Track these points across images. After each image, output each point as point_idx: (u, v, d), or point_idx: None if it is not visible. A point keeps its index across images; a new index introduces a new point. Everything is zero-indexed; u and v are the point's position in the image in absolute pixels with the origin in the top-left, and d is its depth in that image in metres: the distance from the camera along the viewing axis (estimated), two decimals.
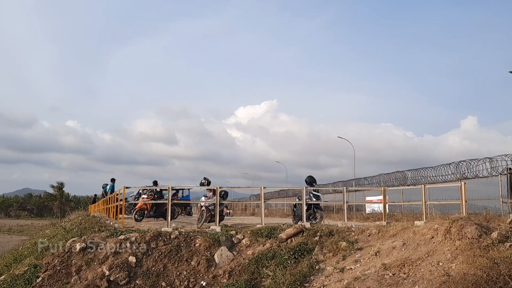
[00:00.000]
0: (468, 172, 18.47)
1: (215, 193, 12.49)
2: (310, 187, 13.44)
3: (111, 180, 22.11)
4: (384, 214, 12.85)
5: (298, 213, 13.33)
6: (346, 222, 12.46)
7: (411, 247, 8.32)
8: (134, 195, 18.98)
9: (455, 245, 7.38)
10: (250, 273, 9.53)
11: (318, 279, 8.52)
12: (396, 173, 24.99)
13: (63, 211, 63.15)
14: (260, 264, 9.71)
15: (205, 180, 13.77)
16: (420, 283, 6.60)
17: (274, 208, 38.20)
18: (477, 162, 18.03)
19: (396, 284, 6.89)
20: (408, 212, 18.26)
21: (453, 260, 6.95)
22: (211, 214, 12.96)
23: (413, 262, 7.46)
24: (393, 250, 8.55)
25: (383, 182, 25.43)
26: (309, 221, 12.31)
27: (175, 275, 9.83)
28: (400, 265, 7.50)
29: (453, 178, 19.15)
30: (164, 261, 10.10)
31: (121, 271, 9.65)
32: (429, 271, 6.85)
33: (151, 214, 16.27)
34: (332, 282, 8.06)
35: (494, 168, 16.98)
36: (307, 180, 13.83)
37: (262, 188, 13.18)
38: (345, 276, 8.02)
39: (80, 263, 9.91)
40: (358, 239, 10.09)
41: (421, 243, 8.30)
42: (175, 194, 17.27)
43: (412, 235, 8.97)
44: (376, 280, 7.20)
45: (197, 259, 10.18)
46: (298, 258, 9.55)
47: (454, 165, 19.49)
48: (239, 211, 40.97)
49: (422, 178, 21.79)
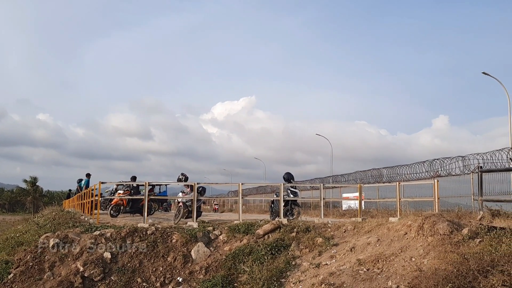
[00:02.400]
0: (441, 170, 18.90)
1: (193, 189, 12.45)
2: (287, 184, 13.51)
3: (86, 175, 21.76)
4: (360, 210, 13.04)
5: (275, 209, 13.39)
6: (323, 218, 12.59)
7: (385, 243, 8.48)
8: (110, 190, 18.73)
9: (428, 241, 7.56)
10: (227, 269, 9.55)
11: (294, 274, 8.60)
12: (372, 170, 25.37)
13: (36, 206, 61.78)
14: (237, 260, 9.74)
15: (183, 176, 13.69)
16: (393, 278, 6.74)
17: (252, 204, 38.32)
18: (450, 161, 18.46)
19: (370, 279, 7.01)
20: (383, 209, 18.59)
21: (425, 255, 7.12)
22: (189, 210, 12.90)
23: (387, 258, 7.60)
24: (368, 246, 8.70)
25: (359, 179, 25.78)
26: (286, 217, 12.39)
27: (151, 271, 9.76)
28: (374, 260, 7.63)
29: (427, 176, 19.57)
30: (140, 257, 10.02)
31: (96, 267, 9.52)
32: (402, 266, 7.00)
33: (127, 209, 16.09)
34: (308, 278, 8.15)
35: (466, 166, 17.42)
36: (285, 176, 13.91)
37: (240, 185, 13.19)
38: (321, 272, 8.12)
39: (54, 259, 9.73)
40: (334, 235, 10.22)
41: (395, 239, 8.46)
42: (151, 189, 17.12)
43: (386, 231, 9.14)
44: (350, 276, 7.32)
45: (173, 255, 10.13)
46: (275, 254, 9.61)
47: (428, 163, 19.92)
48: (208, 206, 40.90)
49: (397, 176, 22.19)
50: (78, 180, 22.71)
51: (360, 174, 26.49)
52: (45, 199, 68.97)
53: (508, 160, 15.52)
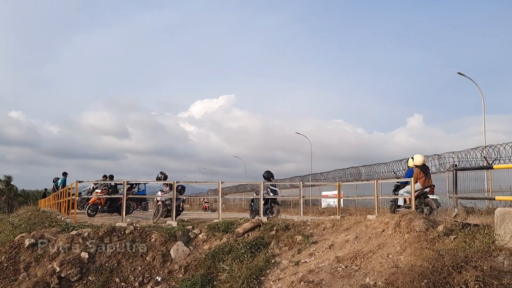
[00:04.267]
0: None
1: (172, 188, 12.37)
2: (267, 182, 13.56)
3: (63, 174, 21.37)
4: (338, 208, 13.17)
5: (255, 208, 13.42)
6: (302, 216, 12.67)
7: (363, 240, 8.59)
8: (88, 189, 18.45)
9: (404, 238, 7.69)
10: (207, 267, 9.53)
11: (273, 272, 8.64)
12: (351, 168, 25.67)
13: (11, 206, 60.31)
14: (217, 258, 9.73)
15: (162, 174, 13.59)
16: (370, 274, 6.83)
17: (232, 202, 38.30)
18: (427, 159, 18.79)
19: (348, 276, 7.10)
20: (362, 207, 18.84)
21: (402, 252, 7.25)
22: (168, 209, 12.82)
23: (365, 255, 7.70)
24: (346, 243, 8.80)
25: (338, 177, 26.05)
26: (266, 215, 12.43)
27: (130, 270, 9.67)
28: (353, 257, 7.73)
29: (403, 174, 19.87)
30: (118, 256, 9.91)
31: (73, 267, 9.37)
32: (380, 263, 7.11)
33: (105, 209, 15.89)
34: (287, 275, 8.20)
35: (442, 164, 17.80)
36: (264, 175, 13.96)
37: (220, 183, 13.16)
38: (300, 269, 8.18)
39: (29, 260, 9.54)
40: (313, 233, 10.30)
41: (373, 236, 8.58)
42: (130, 188, 16.95)
43: (364, 228, 9.26)
44: (329, 273, 7.39)
45: (152, 254, 10.06)
46: (254, 252, 9.63)
47: (405, 161, 20.22)
48: (196, 206, 40.73)
49: (375, 174, 22.51)
50: (55, 179, 22.28)
51: (339, 172, 26.78)
52: (20, 198, 67.27)
53: (482, 159, 15.92)
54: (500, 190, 13.98)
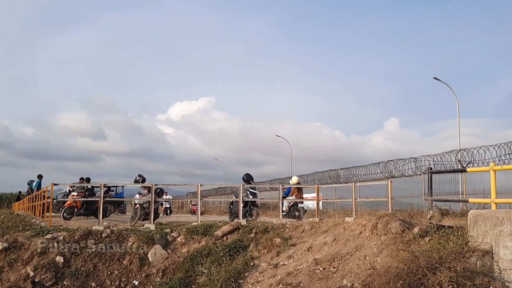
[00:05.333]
0: (395, 171, 19.54)
1: (150, 191, 12.25)
2: (247, 185, 13.56)
3: (38, 176, 20.89)
4: (317, 211, 13.27)
5: (234, 210, 13.40)
6: (282, 219, 12.72)
7: (341, 242, 8.68)
8: (64, 192, 18.09)
9: (381, 240, 7.80)
10: (185, 271, 9.46)
11: (252, 275, 8.64)
12: (329, 171, 25.85)
13: None
14: (195, 261, 9.67)
15: (140, 177, 13.45)
16: (348, 276, 6.91)
17: (211, 205, 38.11)
18: (403, 162, 19.12)
19: (326, 278, 7.16)
20: (340, 209, 18.98)
21: (379, 254, 7.35)
22: (146, 212, 12.69)
23: (343, 257, 7.79)
24: (324, 245, 8.87)
25: (317, 180, 26.21)
26: (245, 218, 12.43)
27: (106, 274, 9.52)
28: (331, 259, 7.80)
29: (381, 177, 20.16)
30: (94, 260, 9.75)
31: (47, 271, 9.18)
32: (357, 265, 7.19)
33: (82, 212, 15.62)
34: (266, 278, 8.21)
35: (418, 167, 18.10)
36: (244, 177, 13.96)
37: (199, 186, 13.10)
38: (279, 272, 8.20)
39: (2, 264, 9.30)
40: (292, 235, 10.35)
41: (350, 238, 8.68)
42: (107, 191, 16.71)
43: (342, 231, 9.36)
44: (307, 275, 7.44)
45: (129, 258, 9.93)
46: (233, 255, 9.61)
47: (383, 164, 20.54)
48: (176, 208, 40.43)
49: (353, 177, 22.72)
50: (29, 181, 21.76)
51: (318, 175, 26.94)
52: None
53: (457, 162, 16.27)
54: (473, 192, 14.30)
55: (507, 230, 6.02)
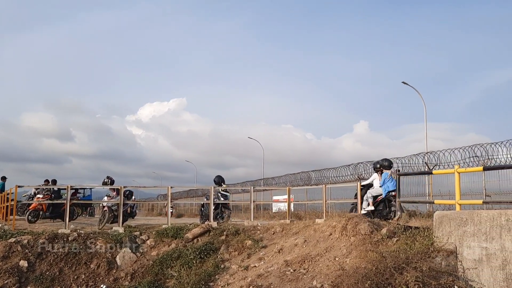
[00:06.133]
0: (365, 173, 19.83)
1: (119, 193, 12.03)
2: (218, 187, 13.51)
3: (1, 178, 20.16)
4: (288, 212, 13.33)
5: (205, 213, 13.32)
6: (253, 221, 12.71)
7: (311, 244, 8.74)
8: (28, 194, 17.53)
9: (350, 241, 7.90)
10: (154, 274, 9.33)
11: (223, 277, 8.60)
12: (301, 173, 26.05)
13: None
14: (165, 264, 9.55)
15: (108, 179, 13.20)
16: (318, 277, 6.96)
17: (182, 208, 37.72)
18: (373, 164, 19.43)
19: (296, 279, 7.19)
20: (311, 211, 19.14)
21: (348, 255, 7.44)
22: (114, 214, 12.44)
23: (313, 258, 7.84)
24: (295, 247, 8.91)
25: (289, 182, 26.34)
26: (216, 220, 12.36)
27: (72, 279, 9.28)
28: (301, 261, 7.84)
29: (351, 179, 20.43)
30: (60, 264, 9.49)
31: (10, 276, 8.87)
32: (327, 266, 7.25)
33: (47, 215, 15.16)
34: (237, 280, 8.18)
35: None
36: (215, 179, 13.91)
37: (169, 188, 12.95)
38: (249, 274, 8.18)
39: None
40: (263, 237, 10.36)
41: (321, 239, 8.75)
42: (74, 193, 16.32)
43: (313, 232, 9.43)
44: (278, 277, 7.45)
45: (97, 262, 9.71)
46: (204, 258, 9.54)
47: (353, 166, 20.82)
48: (146, 211, 39.86)
49: (324, 178, 22.95)
50: None
51: (290, 177, 27.08)
52: None
53: (424, 164, 16.68)
54: (439, 194, 14.70)
55: (471, 231, 6.20)
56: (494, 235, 5.87)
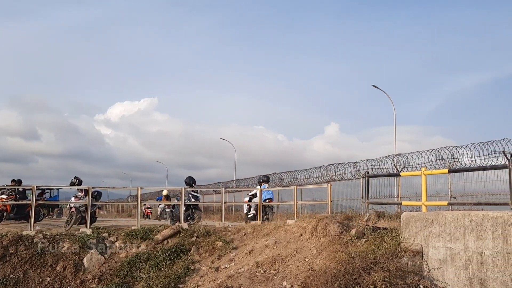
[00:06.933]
0: (335, 175, 20.08)
1: (87, 194, 11.77)
2: (189, 188, 13.42)
3: None
4: (259, 214, 13.35)
5: (176, 214, 13.20)
6: (224, 222, 12.67)
7: (282, 245, 8.78)
8: None
9: (320, 242, 7.98)
10: (122, 276, 9.18)
11: (192, 279, 8.53)
12: (273, 174, 26.11)
13: None
14: (134, 266, 9.41)
15: (76, 179, 12.89)
16: (288, 278, 7.00)
17: (153, 209, 37.21)
18: (343, 166, 19.70)
19: (266, 280, 7.21)
20: (283, 212, 19.23)
21: (318, 255, 7.52)
22: (82, 215, 12.16)
23: (283, 259, 7.88)
24: (266, 248, 8.94)
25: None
26: (187, 221, 12.27)
27: (37, 282, 9.03)
28: (271, 262, 7.86)
29: (322, 180, 20.65)
30: (24, 267, 9.21)
31: None
32: (297, 266, 7.31)
33: (12, 216, 14.67)
34: (207, 282, 8.13)
35: (357, 171, 18.72)
36: (186, 180, 13.82)
37: (139, 189, 12.75)
38: (220, 275, 8.15)
39: None
40: (234, 239, 10.34)
41: (291, 240, 8.81)
42: (40, 194, 15.86)
43: (283, 233, 9.48)
44: (248, 278, 7.45)
45: (63, 264, 9.47)
46: (173, 259, 9.46)
47: (324, 168, 21.04)
48: (115, 212, 39.15)
49: (296, 180, 23.10)
50: None
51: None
52: None
53: (393, 166, 17.03)
54: (407, 195, 15.03)
55: (436, 231, 6.37)
56: (458, 235, 6.04)
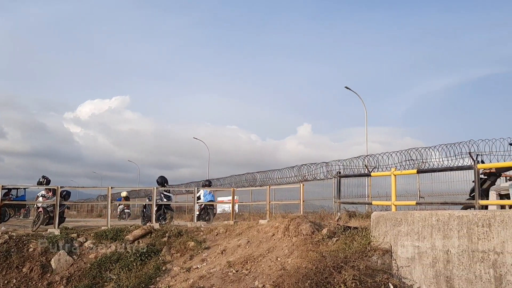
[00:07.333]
0: (308, 175, 20.26)
1: (55, 193, 11.49)
2: (161, 188, 13.28)
3: None
4: (232, 213, 13.35)
5: (147, 214, 13.05)
6: (196, 222, 12.61)
7: (254, 245, 8.80)
8: None
9: (292, 241, 8.04)
10: (92, 277, 9.01)
11: (164, 280, 8.44)
12: (246, 174, 26.14)
13: None
14: (103, 267, 9.25)
15: (44, 178, 12.57)
16: (260, 278, 7.02)
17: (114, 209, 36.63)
18: (316, 166, 19.91)
19: (238, 280, 7.20)
20: (256, 212, 19.28)
21: (290, 255, 7.57)
22: (50, 216, 11.86)
23: (255, 259, 7.89)
24: (238, 248, 8.93)
25: (234, 183, 26.36)
26: (158, 221, 12.14)
27: (2, 284, 8.76)
28: (244, 262, 7.87)
29: (295, 180, 20.80)
30: None
31: None
32: (269, 266, 7.33)
33: None
34: (178, 282, 8.07)
35: (329, 171, 18.95)
36: (158, 180, 13.68)
37: (110, 188, 12.54)
38: (191, 276, 8.10)
39: None
40: (206, 239, 10.30)
41: (264, 240, 8.84)
42: (7, 193, 15.40)
43: (256, 233, 9.50)
44: (220, 278, 7.43)
45: (30, 266, 9.22)
46: (144, 260, 9.34)
47: (297, 168, 21.20)
48: (84, 212, 38.35)
49: (269, 180, 23.18)
50: None
51: (235, 178, 27.09)
52: None
53: (364, 167, 17.31)
54: (378, 195, 15.33)
55: (405, 230, 6.52)
56: (425, 234, 6.20)
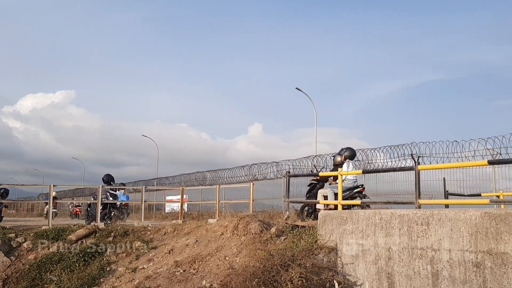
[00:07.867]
0: (258, 174, 20.41)
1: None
2: (107, 186, 12.89)
3: None
4: (181, 212, 13.18)
5: (92, 213, 12.61)
6: (143, 221, 12.35)
7: (203, 244, 8.74)
8: None
9: (241, 240, 8.06)
10: (30, 279, 8.60)
11: (108, 281, 8.21)
12: (196, 173, 25.94)
13: None
14: (44, 269, 8.84)
15: None
16: (207, 277, 6.98)
17: (67, 208, 35.23)
18: (266, 166, 20.10)
19: (185, 280, 7.13)
20: (205, 211, 19.16)
21: (238, 254, 7.58)
22: None
23: (203, 258, 7.84)
24: (186, 247, 8.84)
25: (183, 182, 26.07)
26: (104, 221, 11.77)
27: None
28: (191, 261, 7.80)
29: (246, 179, 20.88)
30: None
31: None
32: (217, 265, 7.31)
33: None
34: (123, 283, 7.87)
35: (279, 171, 19.19)
36: (104, 178, 13.29)
37: (52, 186, 11.99)
38: (137, 276, 7.93)
39: None
40: (153, 238, 10.10)
41: (212, 239, 8.80)
42: None
43: (205, 232, 9.44)
44: (167, 278, 7.32)
45: None
46: (88, 261, 9.03)
47: (247, 167, 21.30)
48: (24, 211, 36.49)
49: (219, 179, 23.13)
50: None
51: (185, 177, 26.81)
52: None
53: (312, 166, 17.69)
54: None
55: (350, 229, 6.72)
56: (369, 232, 6.42)
